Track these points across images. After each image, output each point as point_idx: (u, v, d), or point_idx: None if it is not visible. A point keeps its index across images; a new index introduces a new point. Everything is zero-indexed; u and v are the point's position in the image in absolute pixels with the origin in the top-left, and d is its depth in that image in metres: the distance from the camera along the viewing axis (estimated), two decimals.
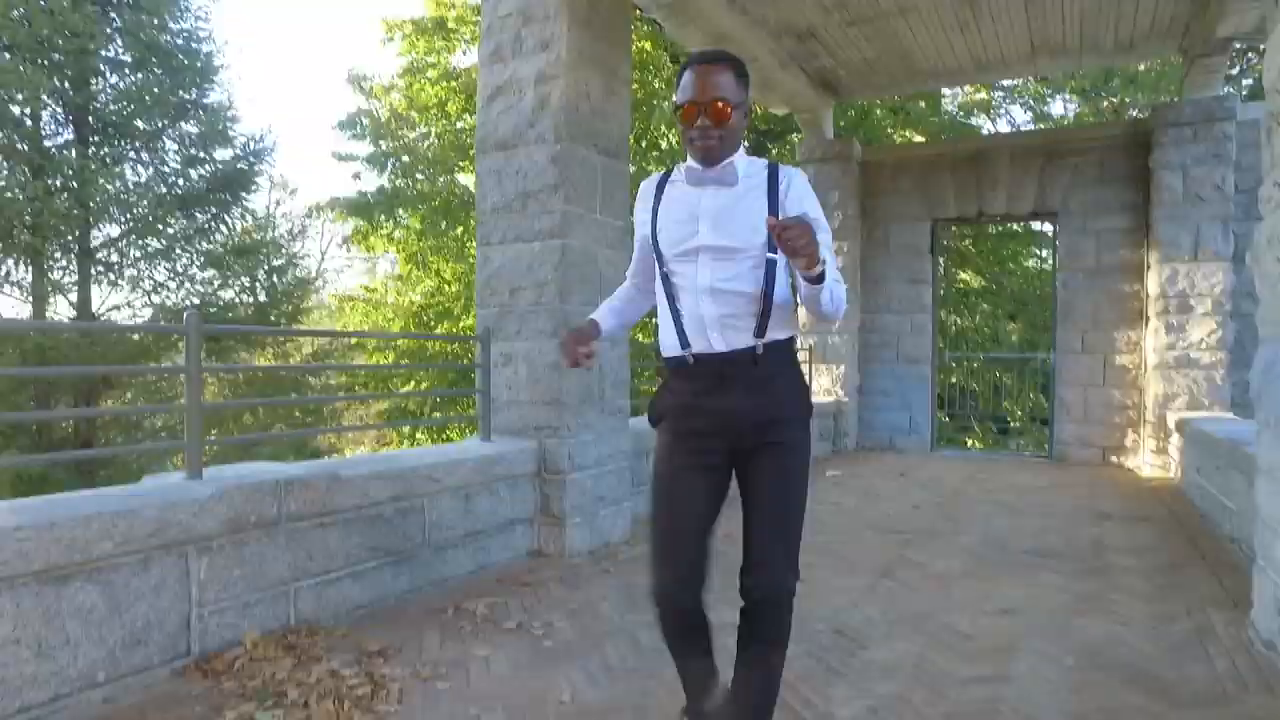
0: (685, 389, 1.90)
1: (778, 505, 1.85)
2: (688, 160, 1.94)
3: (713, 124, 1.82)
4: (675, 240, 1.90)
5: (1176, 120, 7.33)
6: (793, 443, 1.87)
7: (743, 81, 1.89)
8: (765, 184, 1.88)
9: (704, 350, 1.85)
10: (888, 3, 6.69)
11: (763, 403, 1.84)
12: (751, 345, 1.84)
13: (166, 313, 10.08)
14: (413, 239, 12.69)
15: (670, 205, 1.95)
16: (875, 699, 2.52)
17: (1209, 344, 7.05)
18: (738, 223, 1.85)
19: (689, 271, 1.88)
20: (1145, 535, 4.84)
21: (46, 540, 2.26)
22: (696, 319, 1.86)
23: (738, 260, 1.85)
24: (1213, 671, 2.77)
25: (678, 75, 1.91)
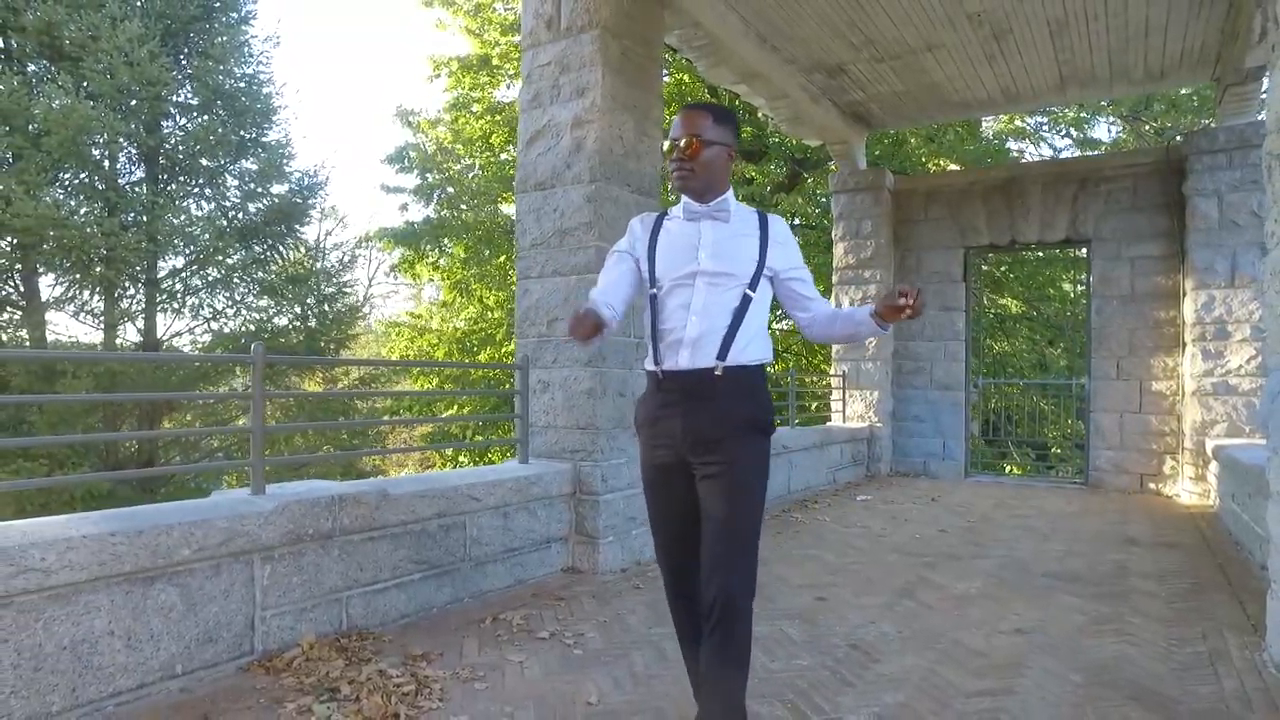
0: (655, 401, 2.18)
1: (726, 522, 2.03)
2: (682, 201, 2.22)
3: (686, 157, 2.12)
4: (675, 266, 2.14)
5: (1211, 147, 7.36)
6: (740, 458, 2.06)
7: (723, 125, 2.16)
8: (757, 227, 2.19)
9: (672, 367, 2.11)
10: (915, 40, 6.90)
11: (715, 418, 2.07)
12: (711, 367, 2.06)
13: (224, 339, 10.64)
14: (457, 267, 13.16)
15: (669, 238, 2.20)
16: (882, 707, 2.67)
17: (1247, 370, 7.01)
18: (733, 253, 2.13)
19: (684, 294, 2.12)
20: (1172, 561, 4.88)
21: (136, 545, 2.56)
22: (676, 338, 2.10)
23: (726, 287, 2.11)
24: (1219, 691, 2.86)
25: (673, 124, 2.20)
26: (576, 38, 4.63)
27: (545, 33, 4.76)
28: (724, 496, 2.04)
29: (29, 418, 8.40)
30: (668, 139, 2.18)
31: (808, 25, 6.65)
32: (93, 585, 2.48)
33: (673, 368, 2.10)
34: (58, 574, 2.39)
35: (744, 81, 7.25)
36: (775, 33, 6.84)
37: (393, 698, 2.59)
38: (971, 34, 6.72)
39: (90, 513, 2.69)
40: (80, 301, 9.66)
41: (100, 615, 2.50)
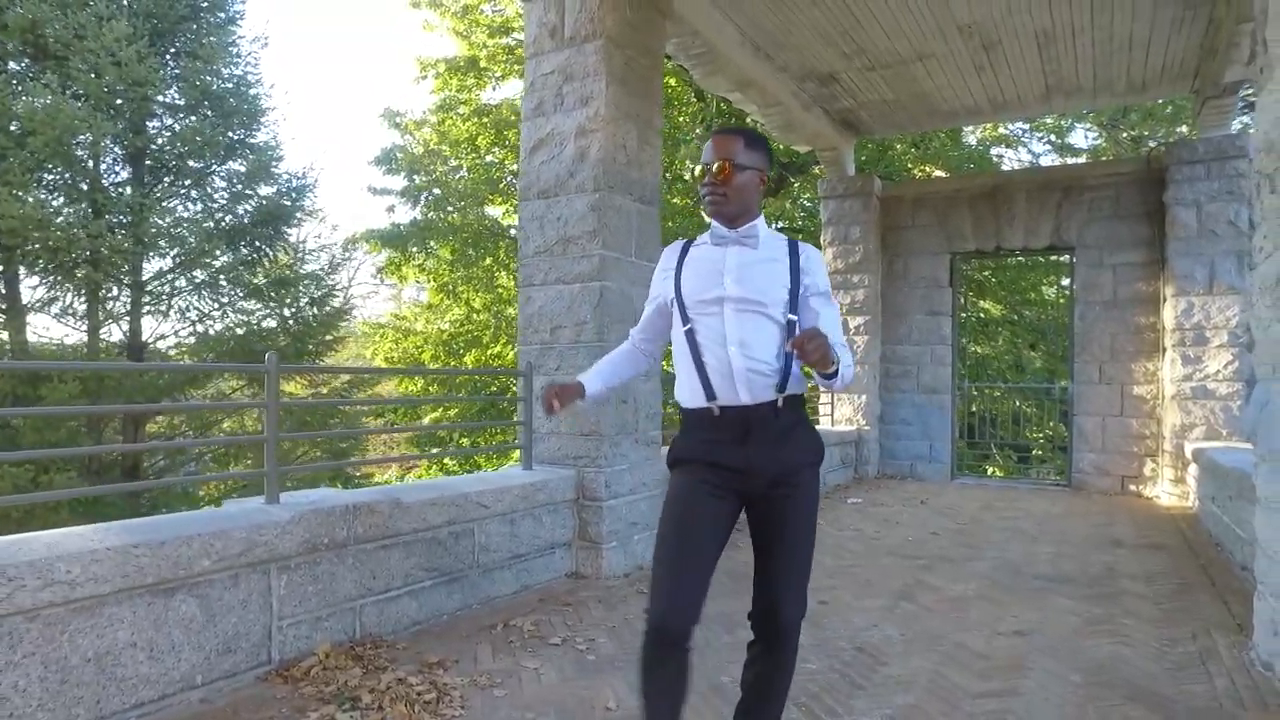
0: (709, 438, 2.04)
1: (792, 551, 2.00)
2: (711, 226, 2.16)
3: (719, 182, 2.06)
4: (698, 290, 2.08)
5: (1190, 158, 7.55)
6: (804, 490, 2.02)
7: (755, 150, 2.10)
8: (787, 255, 2.10)
9: (730, 402, 2.00)
10: (906, 50, 7.02)
11: (780, 455, 2.00)
12: (773, 399, 2.00)
13: (209, 342, 10.54)
14: (444, 269, 13.13)
15: (695, 263, 2.14)
16: (893, 709, 2.75)
17: (1225, 375, 7.20)
18: (760, 280, 2.05)
19: (713, 324, 2.04)
20: (1157, 562, 5.02)
21: (158, 556, 2.58)
22: (725, 372, 2.01)
23: (759, 316, 2.03)
24: (1212, 690, 2.97)
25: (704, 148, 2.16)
26: (580, 47, 4.67)
27: (549, 41, 4.80)
28: (790, 528, 2.01)
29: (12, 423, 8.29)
30: (699, 163, 2.13)
31: (802, 35, 6.75)
32: (116, 597, 2.49)
33: (732, 402, 2.01)
34: (82, 586, 2.40)
35: (738, 89, 7.33)
36: (770, 42, 6.93)
37: (415, 705, 2.63)
38: (961, 45, 6.85)
39: (111, 524, 2.69)
40: (63, 304, 9.54)
41: (123, 627, 2.51)
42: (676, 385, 2.16)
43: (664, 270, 2.23)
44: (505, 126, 13.30)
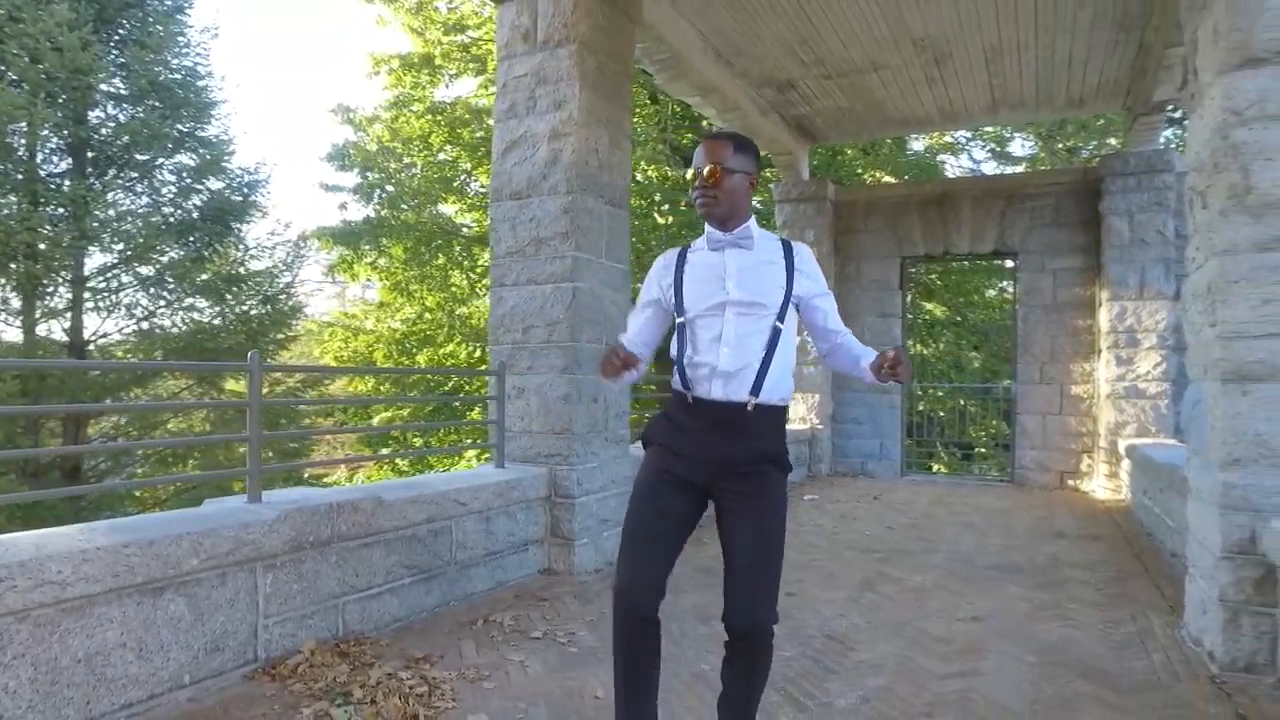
0: (682, 423, 2.16)
1: (759, 554, 2.04)
2: (705, 232, 2.26)
3: (709, 185, 2.15)
4: (703, 297, 2.17)
5: (1123, 170, 7.98)
6: (771, 496, 2.08)
7: (744, 153, 2.20)
8: (782, 256, 2.22)
9: (704, 395, 2.11)
10: (862, 60, 7.26)
11: (744, 449, 2.09)
12: (744, 401, 2.08)
13: (155, 339, 10.24)
14: (398, 268, 13.00)
15: (694, 270, 2.23)
16: (866, 691, 2.91)
17: (1154, 375, 7.64)
18: (760, 282, 2.15)
19: (713, 324, 2.14)
20: (1097, 551, 5.33)
21: (148, 556, 2.57)
22: (709, 368, 2.12)
23: (757, 317, 2.13)
24: (1151, 665, 3.21)
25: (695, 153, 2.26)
26: (553, 52, 4.74)
27: (521, 45, 4.86)
28: (755, 530, 2.05)
29: None
30: (689, 168, 2.23)
31: (763, 43, 6.92)
32: (106, 597, 2.48)
33: (705, 396, 2.11)
34: (73, 586, 2.39)
35: (699, 94, 7.48)
36: (731, 49, 7.09)
37: (410, 699, 2.68)
38: (914, 57, 7.12)
39: (97, 524, 2.68)
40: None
41: (113, 627, 2.50)
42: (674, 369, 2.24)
43: (661, 276, 2.31)
44: (459, 124, 13.24)
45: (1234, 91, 3.21)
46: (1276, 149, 3.14)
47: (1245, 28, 3.20)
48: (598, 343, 4.87)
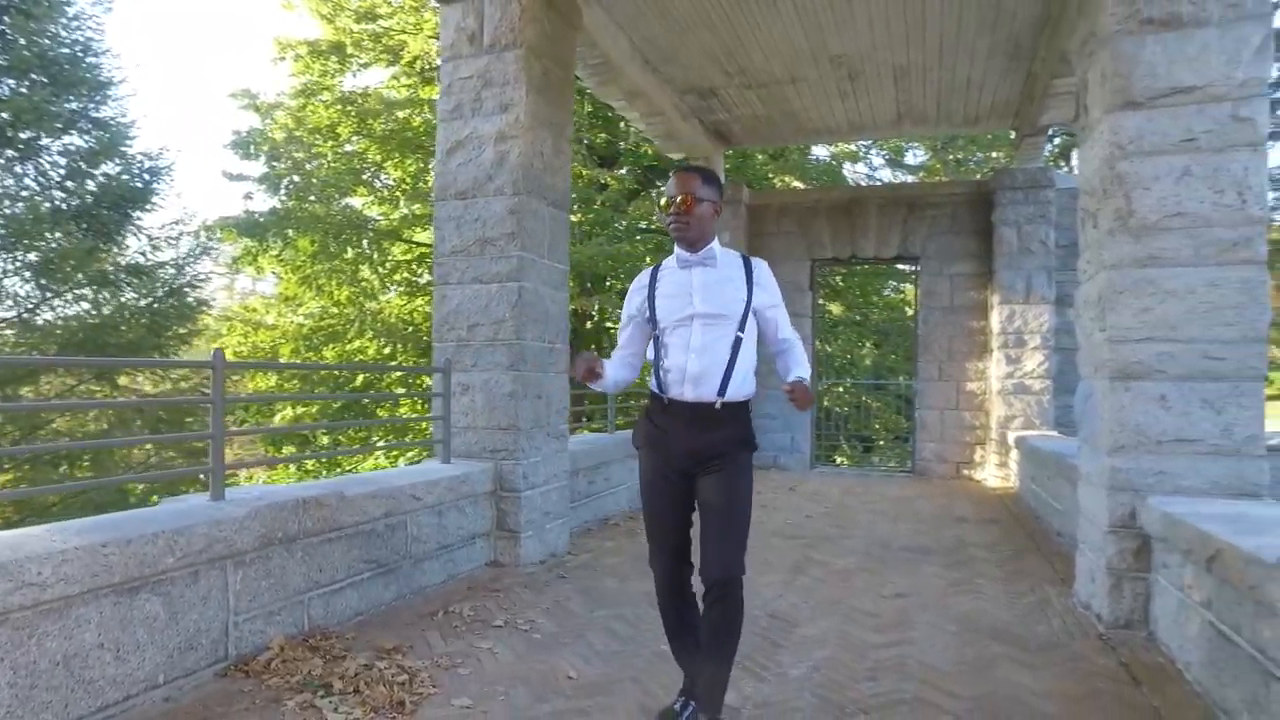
0: (660, 423, 2.51)
1: (725, 514, 2.39)
2: (675, 250, 2.57)
3: (683, 211, 2.46)
4: (673, 310, 2.49)
5: (1011, 185, 8.71)
6: (737, 465, 2.43)
7: (710, 185, 2.53)
8: (742, 270, 2.54)
9: (677, 397, 2.45)
10: (781, 72, 7.63)
11: (713, 439, 2.43)
12: (712, 401, 2.42)
13: (39, 332, 9.58)
14: (306, 261, 12.59)
15: (665, 286, 2.54)
16: (815, 661, 3.20)
17: (1039, 373, 8.40)
18: (723, 296, 2.48)
19: (684, 334, 2.47)
20: (994, 533, 5.87)
21: (125, 555, 2.56)
22: (679, 373, 2.45)
23: (721, 327, 2.45)
24: (1051, 628, 3.65)
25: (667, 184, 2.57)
26: (500, 55, 4.83)
27: (467, 47, 4.92)
28: (723, 493, 2.40)
29: None
30: (664, 196, 2.52)
31: (690, 52, 7.19)
32: (83, 598, 2.46)
33: (678, 398, 2.44)
34: (52, 588, 2.36)
35: (627, 99, 7.67)
36: (659, 56, 7.32)
37: (393, 686, 2.77)
38: (830, 72, 7.55)
39: (69, 523, 2.64)
40: None
41: (90, 628, 2.49)
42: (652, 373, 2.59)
43: (639, 293, 2.62)
44: (370, 116, 12.91)
45: (1119, 128, 3.68)
46: (1153, 179, 3.62)
47: (1126, 74, 3.68)
48: (541, 340, 5.00)
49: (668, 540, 2.53)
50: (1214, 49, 3.59)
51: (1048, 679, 3.04)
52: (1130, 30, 3.67)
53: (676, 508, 2.52)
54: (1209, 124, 3.57)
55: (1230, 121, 3.56)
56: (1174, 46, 3.62)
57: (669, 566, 2.54)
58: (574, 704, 2.79)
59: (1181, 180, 3.58)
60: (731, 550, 2.39)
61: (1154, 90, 3.62)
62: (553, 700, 2.81)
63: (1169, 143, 3.60)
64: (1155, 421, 3.56)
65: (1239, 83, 3.56)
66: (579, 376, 2.45)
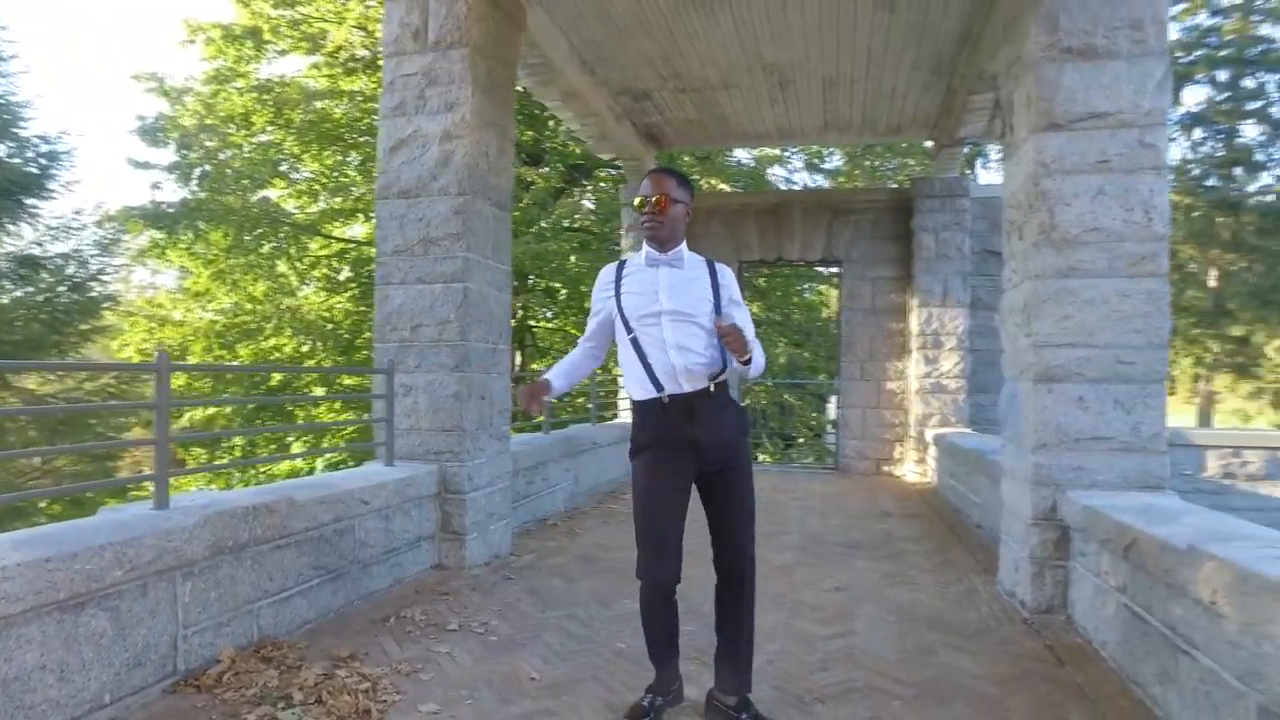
0: (661, 421, 2.57)
1: (741, 506, 2.63)
2: (643, 248, 2.65)
3: (657, 212, 2.57)
4: (640, 307, 2.59)
5: (929, 193, 9.14)
6: (743, 461, 2.63)
7: (684, 187, 2.65)
8: (707, 273, 2.66)
9: (675, 391, 2.54)
10: (715, 78, 7.79)
11: (718, 428, 2.57)
12: (707, 386, 2.55)
13: None
14: (220, 255, 12.05)
15: (632, 284, 2.64)
16: (767, 654, 3.32)
17: (954, 373, 8.85)
18: (689, 295, 2.59)
19: (654, 332, 2.56)
20: (919, 527, 6.18)
21: (71, 569, 2.44)
22: (668, 369, 2.54)
23: (691, 324, 2.56)
24: (981, 615, 3.89)
25: (640, 184, 2.65)
26: (445, 53, 4.77)
27: (411, 43, 4.84)
28: (737, 488, 2.61)
29: None
30: (638, 196, 2.61)
31: (627, 55, 7.25)
32: (25, 616, 2.33)
33: (676, 391, 2.53)
34: None
35: (563, 99, 7.67)
36: (596, 58, 7.36)
37: (357, 694, 2.74)
38: (762, 79, 7.75)
39: (11, 535, 2.49)
40: None
41: (32, 649, 2.35)
42: (626, 383, 2.65)
43: (604, 288, 2.71)
44: (288, 105, 12.44)
45: (1042, 148, 3.95)
46: (1073, 196, 3.91)
47: (1049, 98, 3.95)
48: (486, 342, 4.98)
49: (662, 547, 2.56)
50: (1124, 80, 3.90)
51: (983, 663, 3.25)
52: (1052, 58, 3.94)
53: (679, 517, 2.60)
54: (1120, 147, 3.88)
55: (1138, 146, 3.87)
56: (1090, 75, 3.92)
57: (663, 575, 2.57)
58: (540, 704, 2.82)
59: (1097, 198, 3.87)
60: (747, 539, 2.65)
61: (1073, 114, 3.91)
62: (519, 702, 2.83)
63: (1086, 163, 3.89)
64: (1074, 421, 3.85)
65: (1145, 111, 3.88)
66: (524, 406, 2.54)
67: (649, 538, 2.57)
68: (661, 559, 2.55)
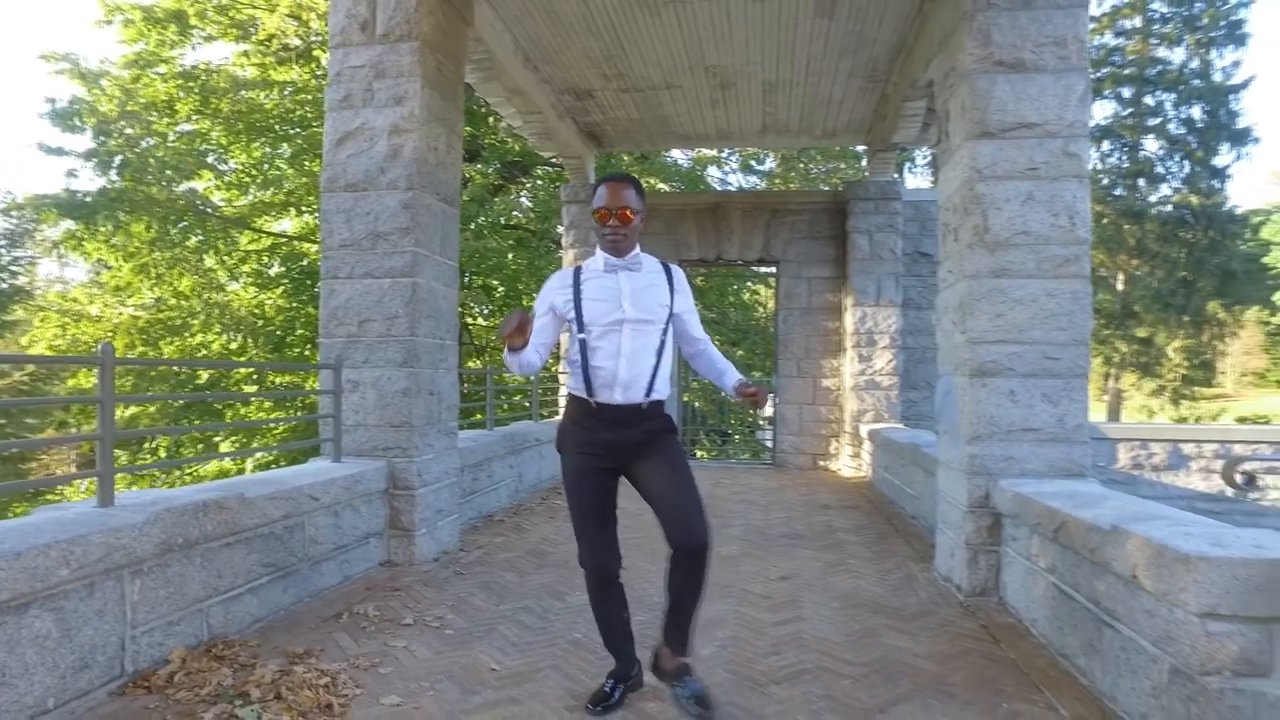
0: (589, 424, 2.61)
1: (680, 481, 2.57)
2: (597, 253, 2.67)
3: (620, 224, 2.59)
4: (601, 314, 2.58)
5: (864, 196, 9.45)
6: (668, 445, 2.64)
7: (640, 195, 2.67)
8: (663, 275, 2.71)
9: (607, 400, 2.57)
10: (658, 78, 7.89)
11: (641, 433, 2.61)
12: (640, 402, 2.58)
13: None
14: (144, 248, 11.53)
15: (592, 290, 2.62)
16: (720, 640, 3.42)
17: (887, 371, 9.17)
18: (650, 301, 2.62)
19: (613, 338, 2.56)
20: (857, 518, 6.41)
21: (15, 569, 2.35)
22: (609, 378, 2.56)
23: (648, 333, 2.60)
24: (920, 599, 4.09)
25: (594, 187, 2.67)
26: (394, 46, 4.72)
27: (359, 35, 4.77)
28: (668, 470, 2.58)
29: None
30: (595, 204, 2.60)
31: (571, 54, 7.29)
32: None
33: (607, 401, 2.56)
34: None
35: (508, 97, 7.65)
36: (541, 56, 7.37)
37: (317, 689, 2.71)
38: (704, 81, 7.89)
39: None
40: None
41: None
42: (569, 374, 2.71)
43: (560, 291, 2.67)
44: (215, 94, 11.99)
45: (977, 154, 4.17)
46: (1004, 201, 4.14)
47: (982, 108, 4.17)
48: (434, 337, 4.95)
49: (600, 536, 2.65)
50: (1050, 92, 4.15)
51: (924, 642, 3.43)
52: (985, 69, 4.17)
53: (609, 505, 2.67)
54: (1047, 156, 4.13)
55: (1063, 155, 4.13)
56: (1019, 87, 4.15)
57: (602, 562, 2.66)
58: (503, 694, 2.85)
59: (1026, 203, 4.11)
60: (697, 516, 2.55)
61: (1005, 124, 4.14)
62: (481, 692, 2.86)
63: (1017, 170, 4.12)
64: (1005, 413, 4.07)
65: (1068, 123, 4.14)
66: (506, 332, 2.38)
67: (584, 529, 2.65)
68: (599, 547, 2.64)
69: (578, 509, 2.66)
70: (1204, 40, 24.14)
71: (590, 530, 2.64)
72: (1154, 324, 24.50)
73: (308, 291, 12.32)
